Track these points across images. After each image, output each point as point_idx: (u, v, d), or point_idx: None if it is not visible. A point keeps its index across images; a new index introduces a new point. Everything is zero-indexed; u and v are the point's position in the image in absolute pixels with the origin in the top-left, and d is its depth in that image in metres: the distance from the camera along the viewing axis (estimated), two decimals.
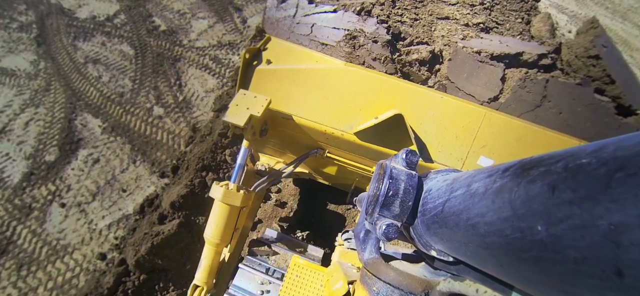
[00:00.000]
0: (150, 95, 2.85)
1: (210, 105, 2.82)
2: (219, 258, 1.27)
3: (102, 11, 3.42)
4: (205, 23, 3.42)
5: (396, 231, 0.58)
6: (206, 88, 2.95)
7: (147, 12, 3.45)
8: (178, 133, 2.69)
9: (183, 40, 3.25)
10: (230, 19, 3.48)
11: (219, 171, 2.38)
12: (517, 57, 1.56)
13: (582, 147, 0.29)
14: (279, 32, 1.41)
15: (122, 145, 2.59)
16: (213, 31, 3.37)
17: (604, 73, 1.51)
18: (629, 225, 0.22)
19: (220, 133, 2.45)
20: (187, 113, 2.79)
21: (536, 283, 0.35)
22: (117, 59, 3.08)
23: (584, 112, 1.35)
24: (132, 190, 2.40)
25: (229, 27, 3.43)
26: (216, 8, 3.55)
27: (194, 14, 3.49)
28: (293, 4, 1.46)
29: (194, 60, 3.11)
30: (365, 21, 1.51)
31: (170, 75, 3.00)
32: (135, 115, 2.75)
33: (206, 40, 3.28)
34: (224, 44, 3.25)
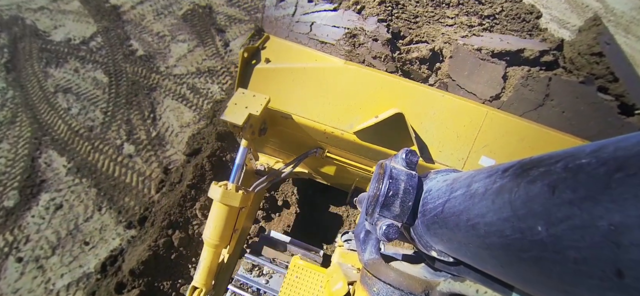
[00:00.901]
0: (122, 130, 2.61)
1: (184, 143, 2.56)
2: (217, 259, 1.27)
3: (78, 33, 3.21)
4: (185, 47, 3.20)
5: (396, 231, 0.57)
6: (181, 123, 2.69)
7: (125, 34, 3.24)
8: (149, 175, 2.41)
9: (160, 67, 3.03)
10: (211, 41, 3.26)
11: (187, 228, 2.09)
12: (518, 54, 1.55)
13: (581, 147, 0.29)
14: (278, 30, 1.41)
15: (88, 188, 2.33)
16: (192, 56, 3.14)
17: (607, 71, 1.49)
18: (629, 225, 0.22)
19: (190, 184, 2.15)
20: (160, 152, 2.53)
21: (536, 284, 0.34)
22: (89, 87, 2.85)
23: (587, 110, 1.33)
24: (96, 243, 2.14)
25: (209, 51, 3.19)
26: (198, 29, 3.34)
27: (174, 36, 3.27)
28: (292, 3, 1.45)
29: (170, 90, 2.88)
30: (366, 19, 1.51)
31: (145, 107, 2.75)
32: (103, 153, 2.50)
33: (185, 67, 3.05)
34: (203, 71, 3.02)
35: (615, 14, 4.36)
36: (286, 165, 1.49)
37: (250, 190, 1.29)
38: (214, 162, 2.30)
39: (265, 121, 1.30)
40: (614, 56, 1.52)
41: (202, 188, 2.21)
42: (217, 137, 2.41)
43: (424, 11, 1.65)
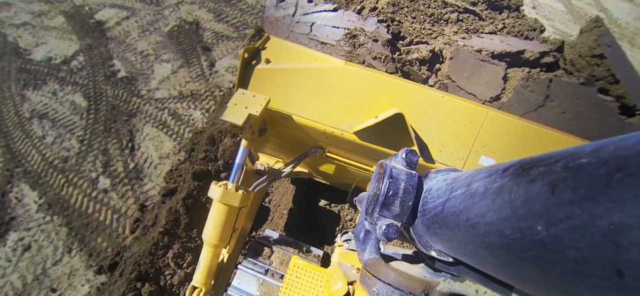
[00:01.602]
0: (98, 161, 2.44)
1: (163, 176, 2.38)
2: (217, 259, 1.27)
3: (60, 51, 3.05)
4: (169, 68, 3.03)
5: (396, 231, 0.57)
6: (161, 153, 2.51)
7: (108, 53, 3.10)
8: (124, 212, 2.24)
9: (142, 90, 2.86)
10: (196, 61, 3.10)
11: (158, 280, 1.91)
12: (518, 55, 1.55)
13: (581, 147, 0.29)
14: (278, 30, 1.41)
15: (59, 227, 2.15)
16: (176, 78, 2.97)
17: (608, 72, 1.49)
18: (629, 225, 0.22)
19: (163, 231, 1.96)
20: (137, 186, 2.35)
21: (536, 284, 0.34)
22: (66, 112, 2.67)
23: (587, 111, 1.33)
24: (63, 290, 1.96)
25: (194, 72, 3.03)
26: (183, 48, 3.20)
27: (158, 55, 3.11)
28: (292, 3, 1.46)
29: (151, 116, 2.71)
30: (366, 20, 1.51)
31: (123, 135, 2.58)
32: (77, 188, 2.32)
33: (167, 90, 2.88)
34: (185, 95, 2.85)
35: (619, 25, 4.28)
36: (286, 165, 1.49)
37: (250, 190, 1.29)
38: (190, 204, 2.10)
39: (265, 121, 1.30)
40: (615, 58, 1.52)
41: (176, 235, 2.01)
42: (194, 176, 2.18)
43: (422, 28, 1.64)
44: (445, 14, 1.72)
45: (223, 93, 2.90)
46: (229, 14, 3.60)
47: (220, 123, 2.48)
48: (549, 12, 4.26)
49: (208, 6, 3.65)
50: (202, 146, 2.38)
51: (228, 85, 2.95)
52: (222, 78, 3.03)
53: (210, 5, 3.66)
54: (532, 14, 4.12)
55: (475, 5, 1.74)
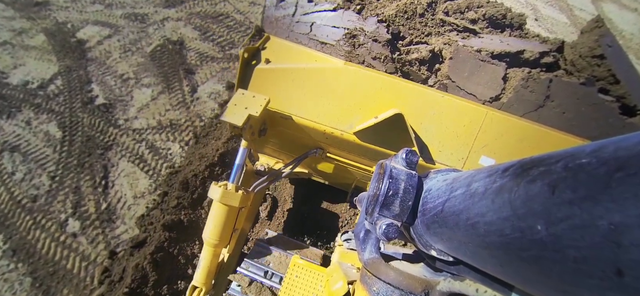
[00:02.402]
0: (69, 201, 2.25)
1: (136, 219, 2.20)
2: (217, 259, 1.27)
3: (38, 74, 2.86)
4: (149, 93, 2.84)
5: (396, 231, 0.57)
6: (136, 192, 2.32)
7: (87, 77, 2.91)
8: (93, 259, 2.07)
9: (119, 119, 2.68)
10: (178, 86, 2.93)
11: None
12: (518, 55, 1.55)
13: (582, 147, 0.29)
14: (278, 31, 1.41)
15: (22, 277, 1.98)
16: (155, 106, 2.77)
17: (608, 73, 1.49)
18: (629, 225, 0.22)
19: (128, 291, 1.80)
20: (108, 230, 2.17)
21: (536, 283, 0.34)
22: (39, 145, 2.48)
23: (588, 111, 1.33)
24: None
25: (174, 99, 2.84)
26: (165, 70, 3.01)
27: (139, 79, 2.93)
28: (292, 3, 1.46)
29: (127, 149, 2.53)
30: (366, 20, 1.51)
31: (97, 171, 2.39)
32: (45, 231, 2.13)
33: (145, 119, 2.69)
34: (164, 125, 2.65)
35: (624, 37, 4.15)
36: (286, 165, 1.49)
37: (250, 190, 1.29)
38: (159, 258, 1.94)
39: (265, 122, 1.30)
40: (616, 58, 1.51)
41: (144, 294, 1.85)
42: (164, 227, 2.00)
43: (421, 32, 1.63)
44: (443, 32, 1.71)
45: (204, 123, 2.72)
46: (216, 32, 3.41)
47: (196, 165, 2.30)
48: (552, 24, 4.17)
49: (194, 23, 3.48)
50: (175, 191, 2.19)
51: (210, 114, 2.76)
52: (203, 106, 2.83)
53: (197, 22, 3.48)
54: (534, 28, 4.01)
55: (474, 23, 1.73)
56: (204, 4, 3.71)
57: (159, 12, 3.57)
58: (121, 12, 3.52)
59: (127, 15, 3.49)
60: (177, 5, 3.69)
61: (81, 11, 3.48)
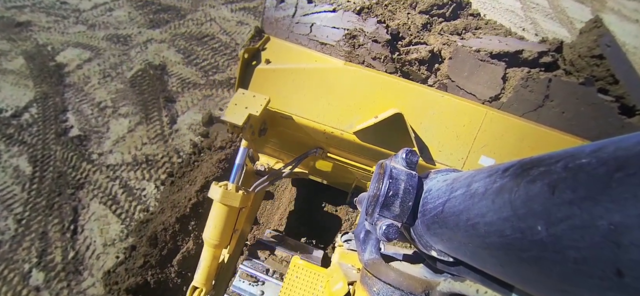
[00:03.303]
0: (34, 248, 2.05)
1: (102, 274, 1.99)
2: (218, 260, 1.27)
3: (12, 101, 2.69)
4: (126, 124, 2.67)
5: (396, 231, 0.57)
6: (106, 239, 2.13)
7: (63, 104, 2.73)
8: None
9: (94, 153, 2.49)
10: (157, 116, 2.74)
11: None
12: (516, 55, 1.55)
13: (581, 147, 0.29)
14: (278, 31, 1.41)
15: None
16: (132, 138, 2.58)
17: (607, 73, 1.49)
18: (629, 225, 0.22)
19: None
20: (74, 283, 1.96)
21: (536, 284, 0.34)
22: (8, 181, 2.30)
23: (587, 111, 1.33)
24: None
25: (152, 131, 2.65)
26: (145, 98, 2.83)
27: (116, 108, 2.75)
28: (292, 4, 1.46)
29: (100, 188, 2.34)
30: (365, 21, 1.51)
31: (66, 213, 2.19)
32: (7, 284, 1.93)
33: (121, 154, 2.51)
34: (140, 161, 2.47)
35: (627, 50, 4.03)
36: (286, 165, 1.49)
37: (250, 191, 1.29)
38: None
39: (265, 121, 1.30)
40: (615, 58, 1.52)
41: None
42: (127, 291, 1.84)
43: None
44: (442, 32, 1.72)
45: (181, 159, 2.51)
46: (200, 55, 3.26)
47: (167, 215, 2.09)
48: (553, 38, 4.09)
49: (178, 45, 3.32)
50: (143, 247, 1.99)
51: (188, 148, 2.58)
52: (182, 140, 2.63)
53: (181, 44, 3.33)
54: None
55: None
56: (189, 24, 3.58)
57: (143, 33, 3.42)
58: (104, 33, 3.37)
59: (109, 37, 3.33)
60: (162, 25, 3.53)
61: (63, 32, 3.34)
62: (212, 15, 3.73)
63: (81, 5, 3.70)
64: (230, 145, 2.56)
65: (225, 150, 2.50)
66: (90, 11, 3.63)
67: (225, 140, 2.59)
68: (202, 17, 3.70)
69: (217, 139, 2.64)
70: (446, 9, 1.85)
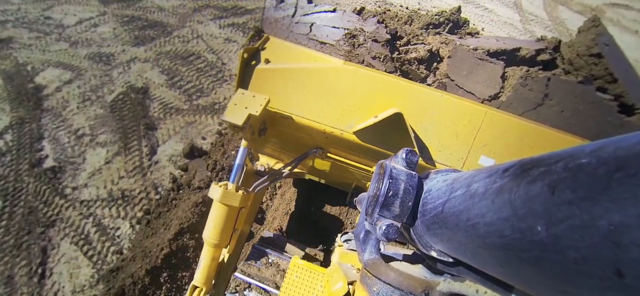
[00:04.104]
0: None
1: None
2: (218, 259, 1.27)
3: None
4: (103, 154, 2.51)
5: (396, 231, 0.57)
6: (75, 285, 1.97)
7: (40, 131, 2.58)
8: None
9: (68, 187, 2.34)
10: (137, 145, 2.59)
11: None
12: (514, 52, 1.55)
13: (581, 147, 0.29)
14: (277, 31, 1.41)
15: None
16: (109, 170, 2.43)
17: (606, 71, 1.50)
18: (629, 225, 0.22)
19: None
20: None
21: (536, 284, 0.34)
22: None
23: (586, 110, 1.34)
24: None
25: (130, 163, 2.50)
26: (125, 125, 2.68)
27: (94, 136, 2.60)
28: (292, 4, 1.46)
29: (72, 226, 2.18)
30: (366, 20, 1.51)
31: (35, 255, 2.04)
32: None
33: (96, 188, 2.35)
34: (116, 196, 2.31)
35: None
36: (286, 165, 1.49)
37: (250, 191, 1.29)
38: None
39: (265, 121, 1.30)
40: (613, 57, 1.52)
41: None
42: None
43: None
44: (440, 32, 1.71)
45: (159, 196, 2.36)
46: (184, 76, 3.13)
47: (137, 265, 1.94)
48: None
49: (162, 65, 3.17)
50: None
51: (167, 183, 2.42)
52: (162, 173, 2.48)
53: (165, 64, 3.18)
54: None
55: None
56: (175, 42, 3.46)
57: (127, 51, 3.28)
58: (86, 51, 3.22)
59: (92, 56, 3.19)
60: (147, 42, 3.40)
61: (44, 50, 3.19)
62: (199, 31, 3.60)
63: (65, 20, 3.53)
64: (209, 185, 2.24)
65: (203, 191, 2.30)
66: (74, 27, 3.48)
67: (204, 180, 2.38)
68: (188, 33, 3.57)
69: (195, 178, 2.40)
70: (442, 28, 1.84)
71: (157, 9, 3.90)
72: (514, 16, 4.70)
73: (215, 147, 2.65)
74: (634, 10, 5.14)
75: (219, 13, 3.95)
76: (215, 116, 2.92)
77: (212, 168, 2.48)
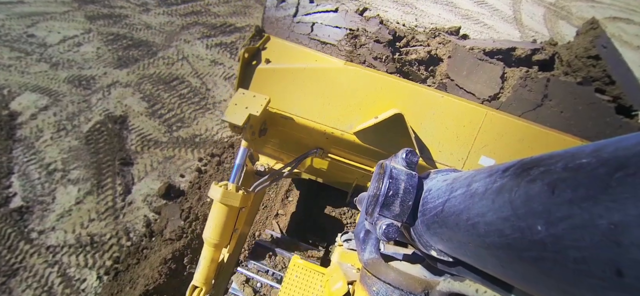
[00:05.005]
0: None
1: None
2: (218, 259, 1.27)
3: None
4: (74, 193, 2.34)
5: (396, 231, 0.58)
6: None
7: (9, 165, 2.42)
8: None
9: (34, 230, 2.17)
10: (110, 184, 2.43)
11: None
12: (509, 52, 1.57)
13: (582, 147, 0.29)
14: (278, 31, 1.41)
15: None
16: (79, 212, 2.26)
17: (604, 73, 1.51)
18: (629, 224, 0.22)
19: None
20: None
21: (536, 283, 0.34)
22: None
23: (585, 110, 1.35)
24: None
25: (103, 203, 2.33)
26: (99, 159, 2.52)
27: (66, 171, 2.43)
28: (293, 3, 1.46)
29: (35, 276, 2.01)
30: (368, 21, 1.52)
31: None
32: None
33: (64, 231, 2.17)
34: (84, 242, 2.14)
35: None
36: (286, 165, 1.49)
37: (250, 191, 1.29)
38: None
39: (265, 121, 1.30)
40: (611, 59, 1.53)
41: None
42: None
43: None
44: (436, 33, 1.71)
45: (131, 243, 2.20)
46: (165, 104, 2.96)
47: None
48: None
49: (144, 90, 3.01)
50: None
51: (141, 228, 2.26)
52: (135, 215, 2.31)
53: (146, 89, 3.02)
54: None
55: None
56: (159, 63, 3.29)
57: (108, 74, 3.13)
58: (66, 74, 3.06)
59: (71, 79, 3.03)
60: (131, 64, 3.26)
61: (23, 72, 3.03)
62: (185, 52, 3.45)
63: (49, 38, 3.38)
64: (180, 237, 2.16)
65: (175, 244, 2.12)
66: (57, 46, 3.32)
67: (175, 231, 2.18)
68: (174, 54, 3.42)
69: (167, 227, 2.21)
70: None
71: (143, 27, 3.75)
72: (514, 32, 4.68)
73: (193, 188, 2.46)
74: (636, 24, 5.10)
75: (208, 31, 3.81)
76: (195, 150, 2.72)
77: (186, 216, 2.27)
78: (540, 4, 5.27)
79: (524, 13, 4.88)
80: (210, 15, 4.07)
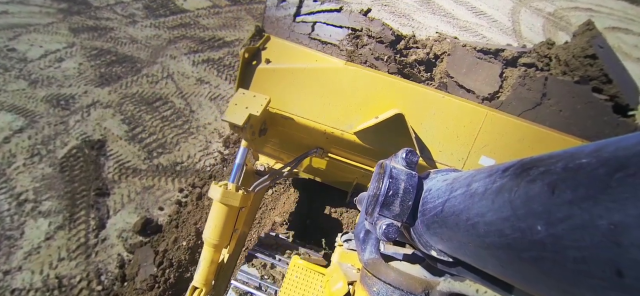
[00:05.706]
0: None
1: None
2: (218, 259, 1.27)
3: None
4: (45, 227, 2.16)
5: (396, 231, 0.58)
6: None
7: None
8: None
9: None
10: (84, 216, 2.25)
11: None
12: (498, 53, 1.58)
13: (581, 147, 0.29)
14: (278, 30, 1.41)
15: None
16: (48, 249, 2.08)
17: (601, 72, 1.52)
18: (629, 225, 0.22)
19: None
20: None
21: (536, 283, 0.35)
22: None
23: (583, 109, 1.35)
24: None
25: (74, 239, 2.14)
26: (74, 189, 2.35)
27: (38, 202, 2.25)
28: (294, 3, 1.46)
29: None
30: (372, 21, 1.52)
31: None
32: None
33: (30, 272, 2.00)
34: (51, 286, 1.95)
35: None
36: (286, 165, 1.49)
37: (250, 190, 1.29)
38: None
39: (265, 121, 1.30)
40: (607, 58, 1.54)
41: None
42: None
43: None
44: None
45: (101, 287, 2.01)
46: (147, 127, 2.78)
47: None
48: None
49: (124, 112, 2.83)
50: None
51: (114, 268, 2.09)
52: (109, 253, 2.14)
53: (128, 110, 2.84)
54: None
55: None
56: (143, 82, 3.10)
57: (89, 93, 2.94)
58: (45, 93, 2.88)
59: (50, 98, 2.85)
60: (113, 82, 3.07)
61: (0, 90, 2.85)
62: (170, 69, 3.22)
63: (30, 52, 3.20)
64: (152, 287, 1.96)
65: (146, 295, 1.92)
66: (37, 61, 3.13)
67: (147, 281, 1.99)
68: (159, 71, 3.19)
69: (138, 275, 2.01)
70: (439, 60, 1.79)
71: (129, 41, 3.55)
72: (514, 44, 4.57)
73: (170, 225, 2.26)
74: (635, 34, 5.00)
75: (195, 45, 3.58)
76: (176, 179, 2.53)
77: (159, 262, 2.06)
78: (539, 15, 5.14)
79: (523, 24, 4.75)
80: (199, 28, 3.84)
